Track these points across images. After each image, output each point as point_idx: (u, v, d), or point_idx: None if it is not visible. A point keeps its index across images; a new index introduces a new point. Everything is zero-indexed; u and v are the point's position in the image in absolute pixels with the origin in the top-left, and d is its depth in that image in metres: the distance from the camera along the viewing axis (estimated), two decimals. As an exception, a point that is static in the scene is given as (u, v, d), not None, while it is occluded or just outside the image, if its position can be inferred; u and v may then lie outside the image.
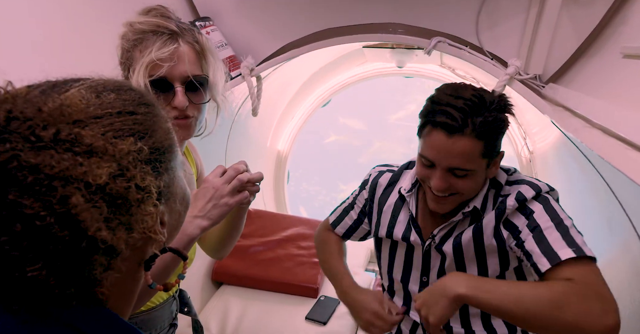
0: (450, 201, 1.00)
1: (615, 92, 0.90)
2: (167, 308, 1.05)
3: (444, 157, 0.94)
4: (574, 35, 1.24)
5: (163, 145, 0.48)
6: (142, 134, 0.46)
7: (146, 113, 0.47)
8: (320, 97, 2.91)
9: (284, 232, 2.21)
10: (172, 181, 0.51)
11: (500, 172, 1.07)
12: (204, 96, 0.93)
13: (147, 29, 0.86)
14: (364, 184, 1.24)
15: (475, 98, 0.93)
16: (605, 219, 1.23)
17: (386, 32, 1.42)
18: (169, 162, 0.50)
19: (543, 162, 2.13)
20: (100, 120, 0.43)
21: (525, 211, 0.98)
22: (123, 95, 0.47)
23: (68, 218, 0.38)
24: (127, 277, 0.49)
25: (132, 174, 0.42)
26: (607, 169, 1.22)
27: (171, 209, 0.52)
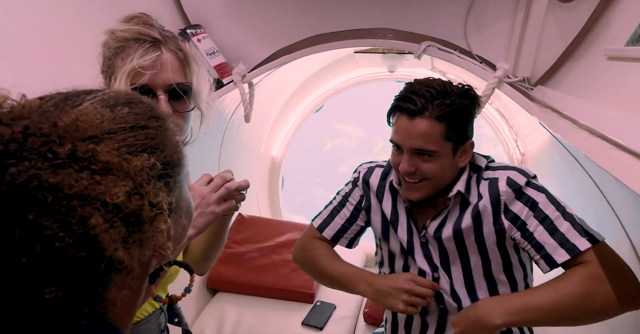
0: (420, 187, 1.05)
1: (600, 93, 0.92)
2: (154, 321, 1.02)
3: (407, 139, 1.01)
4: (560, 39, 1.26)
5: (173, 159, 0.47)
6: (154, 149, 0.45)
7: (157, 127, 0.47)
8: (313, 102, 2.92)
9: (278, 238, 2.21)
10: (180, 195, 0.51)
11: (478, 157, 1.12)
12: (187, 104, 0.91)
13: (129, 37, 0.85)
14: (355, 182, 1.25)
15: (439, 86, 1.01)
16: (596, 220, 1.24)
17: (376, 37, 1.43)
18: (178, 176, 0.49)
19: (535, 164, 2.15)
20: (114, 135, 0.42)
21: (527, 200, 1.01)
22: (135, 108, 0.46)
23: (87, 239, 0.37)
24: (129, 292, 0.48)
25: (146, 191, 0.42)
26: (595, 170, 1.23)
27: (177, 223, 0.51)
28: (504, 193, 1.03)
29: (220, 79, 1.53)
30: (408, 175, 1.04)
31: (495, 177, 1.06)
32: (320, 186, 9.38)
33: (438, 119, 0.98)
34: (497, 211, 1.04)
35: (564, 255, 0.93)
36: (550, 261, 0.95)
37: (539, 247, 0.97)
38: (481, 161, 1.11)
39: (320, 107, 2.99)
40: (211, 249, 1.06)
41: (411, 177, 1.04)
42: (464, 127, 1.03)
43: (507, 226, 1.03)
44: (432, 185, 1.05)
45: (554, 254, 0.95)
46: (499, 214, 1.04)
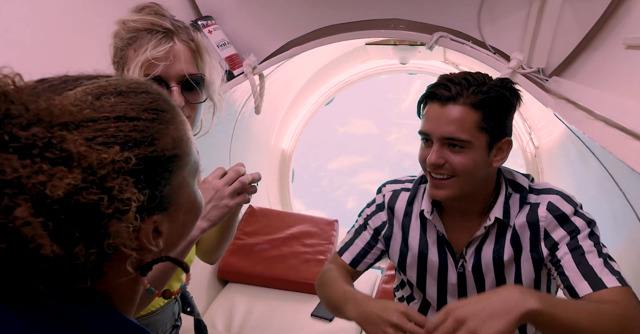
0: (448, 185, 0.95)
1: (618, 83, 0.90)
2: (169, 310, 1.04)
3: (437, 126, 0.92)
4: (577, 28, 1.23)
5: (165, 154, 0.45)
6: (139, 141, 0.43)
7: (152, 120, 0.45)
8: (323, 95, 2.91)
9: (288, 230, 2.22)
10: (177, 191, 0.49)
11: (517, 175, 1.03)
12: (200, 96, 0.91)
13: (142, 27, 0.85)
14: (380, 206, 1.14)
15: (477, 74, 0.93)
16: (611, 213, 1.22)
17: (388, 28, 1.42)
18: (174, 172, 0.47)
19: (549, 157, 2.12)
20: (93, 124, 0.41)
21: (569, 227, 0.94)
22: (131, 98, 0.45)
23: (6, 230, 0.36)
24: (128, 281, 0.48)
25: (108, 186, 0.40)
26: (612, 163, 1.21)
27: (173, 219, 0.50)
28: (543, 219, 0.95)
29: (231, 71, 1.53)
30: (435, 169, 0.94)
31: (537, 203, 0.98)
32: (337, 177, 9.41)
33: (473, 107, 0.90)
34: (535, 238, 0.96)
35: (586, 288, 0.86)
36: (572, 292, 0.88)
37: (562, 276, 0.91)
38: (523, 180, 1.01)
39: (331, 100, 2.98)
40: (222, 240, 1.07)
41: (439, 172, 0.94)
42: (502, 120, 0.94)
43: (545, 255, 0.96)
44: (462, 183, 0.94)
45: (576, 286, 0.87)
46: (537, 242, 0.96)
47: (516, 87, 0.96)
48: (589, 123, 0.83)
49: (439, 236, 1.05)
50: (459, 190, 0.95)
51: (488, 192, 1.01)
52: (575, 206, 0.95)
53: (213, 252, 1.11)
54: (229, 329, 1.85)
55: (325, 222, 2.31)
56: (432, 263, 1.06)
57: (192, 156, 0.51)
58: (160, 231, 0.48)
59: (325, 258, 2.09)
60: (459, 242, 1.03)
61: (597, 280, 0.86)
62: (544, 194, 0.98)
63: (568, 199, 0.96)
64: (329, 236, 2.22)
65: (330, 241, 2.20)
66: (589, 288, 0.86)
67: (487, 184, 1.00)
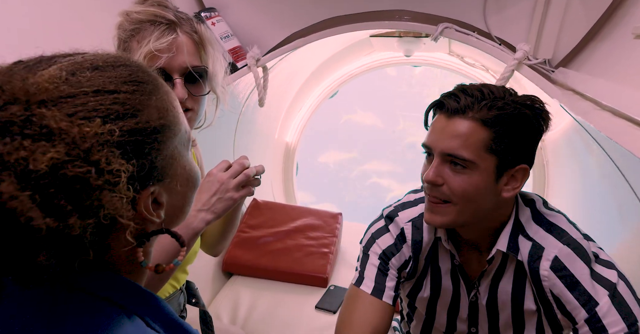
0: (442, 211, 0.83)
1: (626, 73, 0.88)
2: (175, 301, 1.05)
3: (439, 139, 0.81)
4: (585, 18, 1.21)
5: (151, 125, 0.46)
6: (122, 114, 0.43)
7: (133, 91, 0.45)
8: (328, 88, 2.90)
9: (293, 223, 2.22)
10: (170, 161, 0.50)
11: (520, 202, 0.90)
12: (203, 88, 0.91)
13: (145, 19, 0.85)
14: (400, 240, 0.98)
15: (495, 88, 0.81)
16: (617, 205, 1.21)
17: (392, 20, 1.40)
18: (164, 143, 0.48)
19: (554, 149, 2.11)
20: (72, 99, 0.41)
21: (582, 296, 0.79)
22: (109, 72, 0.45)
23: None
24: (134, 253, 0.50)
25: (94, 158, 0.40)
26: (618, 154, 1.20)
27: (171, 190, 0.51)
28: (545, 278, 0.82)
29: (234, 63, 1.52)
30: (431, 188, 0.83)
31: (541, 245, 0.84)
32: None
33: (483, 123, 0.78)
34: (542, 294, 0.85)
35: None
36: None
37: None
38: (524, 208, 0.88)
39: (335, 93, 2.97)
40: (225, 232, 1.08)
41: (434, 194, 0.83)
42: (519, 143, 0.80)
43: (560, 318, 0.85)
44: (458, 212, 0.82)
45: None
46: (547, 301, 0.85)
47: (546, 107, 0.82)
48: (596, 114, 0.82)
49: (454, 264, 0.96)
50: (457, 218, 0.83)
51: (499, 224, 0.88)
52: (589, 263, 0.80)
53: (217, 244, 1.11)
54: (233, 321, 1.86)
55: (329, 215, 2.31)
56: (445, 290, 0.98)
57: (181, 125, 0.52)
58: (160, 202, 0.49)
59: (329, 251, 2.09)
60: (471, 271, 0.95)
61: None
62: (553, 238, 0.84)
63: (581, 253, 0.81)
64: (332, 229, 2.23)
65: (334, 233, 2.20)
66: None
67: (497, 216, 0.87)
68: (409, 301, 1.08)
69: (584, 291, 0.79)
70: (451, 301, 0.99)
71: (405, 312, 1.16)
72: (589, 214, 1.44)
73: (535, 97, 0.83)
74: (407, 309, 1.13)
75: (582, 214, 0.95)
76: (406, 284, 1.03)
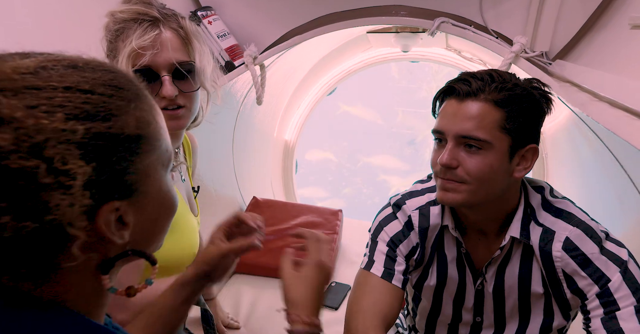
0: (456, 189, 0.84)
1: (623, 64, 0.88)
2: None
3: (453, 123, 0.82)
4: (581, 9, 1.21)
5: (124, 132, 0.42)
6: (91, 114, 0.40)
7: (110, 95, 0.42)
8: (326, 85, 2.90)
9: (293, 220, 2.22)
10: (143, 178, 0.45)
11: (530, 188, 0.91)
12: (192, 84, 0.89)
13: (128, 18, 0.84)
14: (408, 225, 0.99)
15: (503, 72, 0.84)
16: (616, 196, 1.21)
17: (389, 15, 1.40)
18: (139, 155, 0.44)
19: (553, 142, 2.11)
20: (37, 91, 0.39)
21: (594, 273, 0.82)
22: (87, 73, 0.42)
23: None
24: (88, 278, 0.45)
25: (47, 154, 0.37)
26: (616, 145, 1.20)
27: (140, 210, 0.46)
28: (558, 259, 0.84)
29: (232, 62, 1.52)
30: (446, 172, 0.83)
31: (551, 229, 0.86)
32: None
33: (496, 104, 0.80)
34: (552, 275, 0.87)
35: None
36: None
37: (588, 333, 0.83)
38: (535, 194, 0.90)
39: (333, 90, 2.97)
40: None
41: (449, 177, 0.84)
42: (529, 123, 0.82)
43: (570, 297, 0.87)
44: (472, 192, 0.83)
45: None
46: (558, 284, 0.87)
47: (546, 89, 0.85)
48: (593, 105, 0.82)
49: (461, 253, 0.97)
50: (470, 198, 0.84)
51: (509, 208, 0.89)
52: (600, 242, 0.83)
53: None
54: (235, 319, 1.87)
55: (330, 212, 2.31)
56: (451, 278, 0.99)
57: (162, 142, 0.48)
58: (126, 222, 0.45)
59: (330, 248, 2.09)
60: (478, 258, 0.96)
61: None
62: (563, 221, 0.86)
63: (591, 233, 0.84)
64: (333, 226, 2.23)
65: (335, 230, 2.21)
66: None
67: (508, 198, 0.89)
68: (414, 292, 1.08)
69: (596, 269, 0.82)
70: (457, 290, 0.99)
71: (410, 306, 1.16)
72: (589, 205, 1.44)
73: (536, 79, 0.86)
74: (411, 304, 1.13)
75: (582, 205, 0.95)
76: (413, 273, 1.03)
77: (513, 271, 0.92)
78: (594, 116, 0.79)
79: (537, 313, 0.94)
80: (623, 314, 0.78)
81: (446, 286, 1.00)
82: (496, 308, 0.97)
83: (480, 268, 0.96)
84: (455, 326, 1.05)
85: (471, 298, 0.99)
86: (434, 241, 0.98)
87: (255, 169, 2.62)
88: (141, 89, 0.47)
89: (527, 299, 0.93)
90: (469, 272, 0.97)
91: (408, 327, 1.21)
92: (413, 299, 1.11)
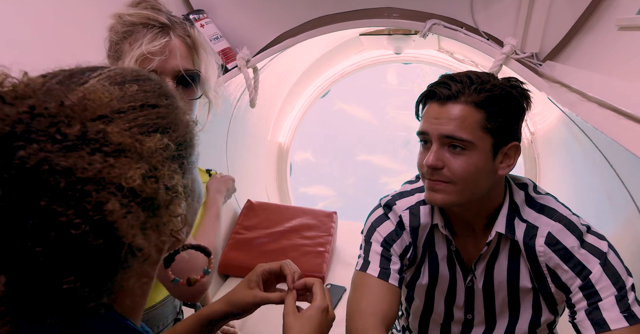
0: (443, 190, 0.86)
1: (611, 65, 0.90)
2: (170, 303, 1.04)
3: (437, 125, 0.84)
4: (570, 11, 1.23)
5: (185, 139, 0.45)
6: (165, 128, 0.42)
7: (168, 105, 0.44)
8: (319, 87, 2.91)
9: (287, 223, 2.22)
10: (193, 177, 0.48)
11: (514, 185, 0.94)
12: (195, 92, 0.91)
13: (137, 22, 0.85)
14: (400, 225, 1.01)
15: (481, 73, 0.86)
16: (606, 195, 1.23)
17: (381, 17, 1.41)
18: (190, 157, 0.47)
19: (545, 143, 2.13)
20: (123, 115, 0.39)
21: (575, 265, 0.84)
22: (144, 86, 0.44)
23: (104, 226, 0.35)
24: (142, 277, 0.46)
25: (160, 174, 0.39)
26: (605, 144, 1.21)
27: (190, 207, 0.48)
28: (541, 254, 0.86)
29: (224, 65, 1.52)
30: (433, 173, 0.86)
31: (534, 225, 0.88)
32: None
33: (476, 105, 0.82)
34: (537, 270, 0.89)
35: (589, 328, 0.81)
36: (577, 330, 0.84)
37: (572, 313, 0.86)
38: (519, 192, 0.92)
39: (326, 92, 2.98)
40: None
41: (435, 178, 0.86)
42: (509, 121, 0.85)
43: (554, 291, 0.89)
44: (459, 191, 0.85)
45: (580, 326, 0.83)
46: (543, 278, 0.89)
47: (524, 86, 0.88)
48: (582, 105, 0.84)
49: (451, 250, 0.99)
50: (458, 196, 0.86)
51: (494, 205, 0.92)
52: (580, 236, 0.86)
53: None
54: (230, 322, 1.86)
55: (324, 214, 2.31)
56: (442, 276, 1.00)
57: (195, 139, 0.50)
58: (185, 220, 0.46)
59: (325, 250, 2.10)
60: (467, 256, 0.98)
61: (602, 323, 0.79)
62: (545, 217, 0.89)
63: (572, 228, 0.86)
64: (328, 228, 2.23)
65: (330, 232, 2.21)
66: (592, 329, 0.80)
67: (493, 196, 0.91)
68: (407, 292, 1.09)
69: (578, 262, 0.84)
70: (448, 288, 1.01)
71: (404, 307, 1.16)
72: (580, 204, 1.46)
73: (513, 78, 0.89)
74: (405, 304, 1.14)
75: (573, 204, 0.96)
76: (407, 272, 1.04)
77: (502, 267, 0.94)
78: (583, 116, 0.80)
79: (526, 308, 0.95)
80: (605, 305, 0.80)
81: (438, 284, 1.02)
82: (486, 305, 0.98)
83: (470, 265, 0.98)
84: (448, 324, 1.06)
85: (462, 295, 1.00)
86: (425, 240, 1.00)
87: (249, 172, 2.62)
88: (175, 91, 0.49)
89: (516, 295, 0.95)
90: (459, 269, 0.99)
91: (402, 327, 1.22)
92: (406, 299, 1.12)
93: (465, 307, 1.01)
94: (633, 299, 0.81)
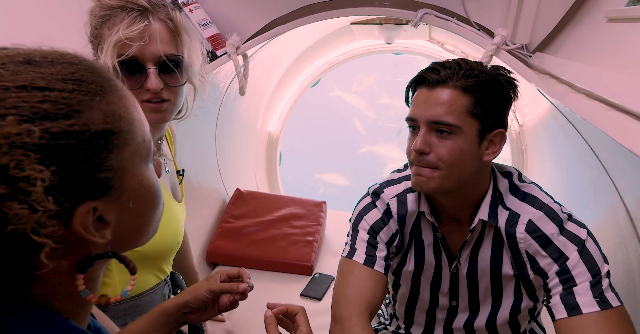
0: (429, 176, 0.88)
1: (600, 56, 0.90)
2: (159, 292, 1.03)
3: (424, 109, 0.86)
4: (560, 2, 1.23)
5: (91, 129, 0.40)
6: (51, 113, 0.38)
7: (72, 90, 0.40)
8: (309, 76, 2.89)
9: (277, 212, 2.22)
10: (120, 174, 0.44)
11: (499, 174, 0.96)
12: (179, 78, 0.88)
13: (115, 5, 0.82)
14: (387, 213, 1.02)
15: (471, 61, 0.88)
16: (591, 185, 1.25)
17: (372, 6, 1.40)
18: (109, 151, 0.42)
19: (532, 134, 2.15)
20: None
21: (553, 252, 0.86)
22: (44, 68, 0.40)
23: None
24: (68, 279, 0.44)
25: (1, 162, 0.35)
26: (592, 135, 1.23)
27: (121, 206, 0.45)
28: (521, 240, 0.89)
29: (213, 51, 1.50)
30: (419, 158, 0.88)
31: (516, 213, 0.90)
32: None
33: (464, 90, 0.85)
34: (517, 257, 0.91)
35: (562, 311, 0.83)
36: (551, 313, 0.86)
37: (548, 298, 0.88)
38: (502, 180, 0.94)
39: (317, 82, 2.96)
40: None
41: (422, 162, 0.88)
42: (496, 108, 0.87)
43: (533, 278, 0.91)
44: (445, 177, 0.87)
45: (554, 309, 0.85)
46: (522, 265, 0.91)
47: (512, 75, 0.90)
48: (570, 96, 0.84)
49: (437, 237, 1.00)
50: (444, 182, 0.88)
51: (480, 193, 0.94)
52: (560, 223, 0.87)
53: None
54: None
55: (313, 204, 2.32)
56: (428, 263, 1.02)
57: (136, 135, 0.45)
58: (107, 221, 0.44)
59: (314, 239, 2.10)
60: (453, 243, 1.00)
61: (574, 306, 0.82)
62: (527, 205, 0.91)
63: (552, 215, 0.88)
64: (317, 218, 2.24)
65: (319, 222, 2.22)
66: (564, 312, 0.83)
67: (479, 183, 0.93)
68: (394, 279, 1.11)
69: (556, 248, 0.87)
70: (433, 275, 1.03)
71: (391, 294, 1.18)
72: (565, 194, 1.48)
73: (501, 67, 0.92)
74: (391, 291, 1.16)
75: (559, 195, 0.98)
76: (394, 259, 1.06)
77: (485, 254, 0.96)
78: (572, 107, 0.81)
79: (508, 295, 0.98)
80: (579, 289, 0.83)
81: (424, 271, 1.04)
82: (470, 291, 1.01)
83: (455, 252, 1.00)
84: (433, 311, 1.08)
85: (447, 281, 1.02)
86: (411, 227, 1.02)
87: (238, 161, 2.61)
88: (110, 80, 0.45)
89: (499, 282, 0.97)
90: (444, 256, 1.01)
91: (390, 315, 1.23)
92: (393, 287, 1.14)
93: (450, 294, 1.03)
94: (607, 285, 0.83)
